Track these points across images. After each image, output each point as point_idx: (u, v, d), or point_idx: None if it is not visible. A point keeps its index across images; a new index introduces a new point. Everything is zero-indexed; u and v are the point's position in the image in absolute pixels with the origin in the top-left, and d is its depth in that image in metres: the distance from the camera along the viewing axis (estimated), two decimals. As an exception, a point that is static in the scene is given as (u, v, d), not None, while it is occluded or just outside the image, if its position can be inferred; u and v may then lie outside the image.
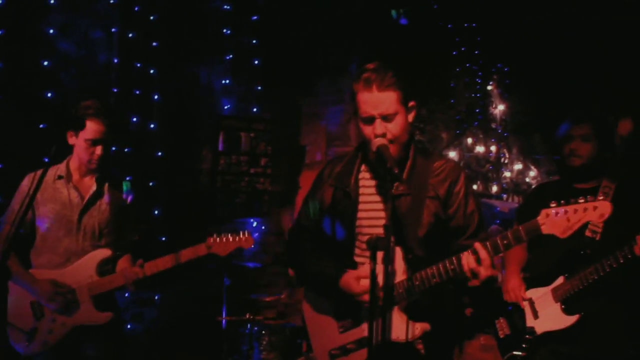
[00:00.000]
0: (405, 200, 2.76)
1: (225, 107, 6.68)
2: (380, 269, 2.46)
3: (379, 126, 2.70)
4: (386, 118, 2.71)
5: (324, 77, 6.97)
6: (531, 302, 3.85)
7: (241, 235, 3.74)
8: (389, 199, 2.50)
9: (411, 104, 2.78)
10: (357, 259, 2.86)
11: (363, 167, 2.94)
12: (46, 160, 4.76)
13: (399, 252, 2.73)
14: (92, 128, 3.64)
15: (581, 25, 6.93)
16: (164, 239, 5.75)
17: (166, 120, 6.11)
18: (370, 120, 2.73)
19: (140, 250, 3.90)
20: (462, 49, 9.77)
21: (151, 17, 5.87)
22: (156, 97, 5.96)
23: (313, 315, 2.99)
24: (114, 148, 5.47)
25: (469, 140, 11.55)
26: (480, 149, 11.56)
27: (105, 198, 3.83)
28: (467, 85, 10.79)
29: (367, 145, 2.82)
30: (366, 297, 2.68)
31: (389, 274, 2.51)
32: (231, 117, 6.67)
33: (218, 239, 3.71)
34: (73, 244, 3.75)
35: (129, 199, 3.95)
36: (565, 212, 2.54)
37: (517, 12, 7.85)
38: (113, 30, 5.69)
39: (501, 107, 11.18)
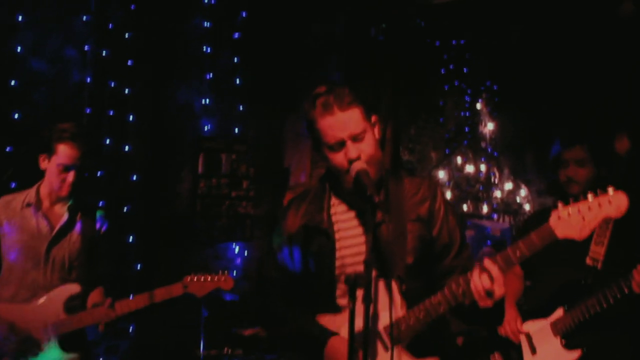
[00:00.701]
0: (387, 228, 2.51)
1: (205, 128, 6.45)
2: (370, 308, 2.20)
3: (352, 149, 2.45)
4: (357, 138, 2.47)
5: (307, 95, 6.73)
6: (529, 337, 3.61)
7: (220, 275, 3.58)
8: (371, 231, 2.27)
9: (373, 118, 2.57)
10: (340, 301, 2.58)
11: (334, 201, 2.68)
12: (13, 185, 4.56)
13: (394, 286, 2.47)
14: (65, 153, 3.46)
15: (571, 41, 6.76)
16: (139, 267, 5.47)
17: (142, 142, 5.91)
18: (340, 145, 2.47)
19: (113, 282, 3.71)
20: (451, 66, 9.64)
21: (126, 35, 5.63)
22: (131, 117, 5.71)
23: None
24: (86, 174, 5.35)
25: (459, 160, 11.41)
26: (470, 168, 11.40)
27: (77, 228, 3.65)
28: (456, 103, 10.66)
29: (336, 175, 2.58)
30: None
31: (376, 313, 2.30)
32: (211, 138, 6.45)
33: (195, 278, 3.55)
34: (40, 278, 3.55)
35: (103, 228, 3.74)
36: (579, 210, 2.27)
37: (505, 29, 7.70)
38: (86, 48, 5.44)
39: (491, 126, 11.04)
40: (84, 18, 5.46)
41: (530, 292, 3.81)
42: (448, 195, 11.14)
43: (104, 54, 5.58)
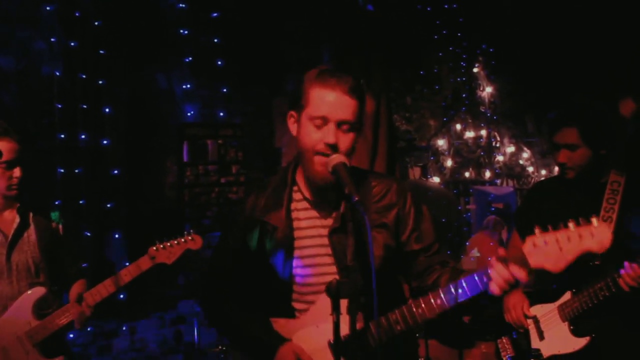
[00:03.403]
0: (351, 228, 2.27)
1: (189, 114, 6.21)
2: (345, 319, 2.00)
3: (332, 133, 2.22)
4: (342, 126, 2.24)
5: (294, 73, 6.50)
6: (536, 321, 3.37)
7: (186, 237, 3.36)
8: (351, 234, 2.13)
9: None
10: (295, 305, 2.38)
11: (295, 196, 2.43)
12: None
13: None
14: (4, 148, 3.19)
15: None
16: (127, 264, 5.25)
17: (121, 134, 5.67)
18: (323, 121, 2.24)
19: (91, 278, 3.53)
20: (444, 32, 9.38)
21: (95, 23, 5.34)
22: (107, 110, 5.45)
23: None
24: (61, 170, 5.12)
25: (458, 127, 11.19)
26: (470, 134, 11.18)
27: (32, 229, 3.42)
28: (451, 69, 10.44)
29: (301, 158, 2.33)
30: None
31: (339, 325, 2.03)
32: (195, 124, 6.20)
33: (162, 246, 3.34)
34: (7, 289, 3.32)
35: (60, 229, 3.53)
36: (557, 240, 2.07)
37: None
38: (52, 40, 5.16)
39: (489, 90, 10.81)
40: (48, 8, 5.15)
41: (537, 274, 3.57)
42: (448, 163, 10.98)
43: (72, 45, 5.28)
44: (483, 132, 11.18)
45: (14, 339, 3.27)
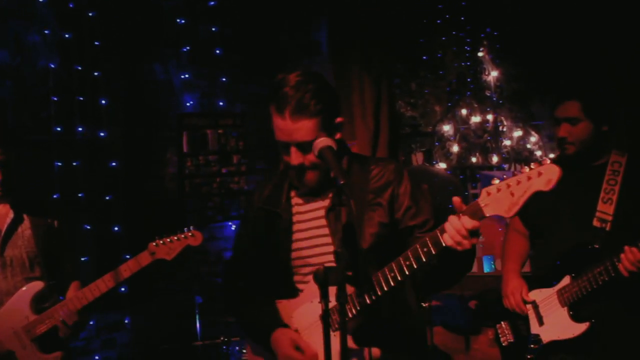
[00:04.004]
0: (345, 212, 2.29)
1: (188, 104, 6.14)
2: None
3: (295, 156, 2.36)
4: (302, 147, 2.35)
5: (293, 59, 6.42)
6: (535, 306, 3.32)
7: (186, 232, 3.31)
8: (336, 217, 2.25)
9: (338, 120, 2.43)
10: (298, 285, 2.52)
11: (292, 191, 2.61)
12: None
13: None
14: None
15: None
16: (128, 257, 5.22)
17: (119, 126, 5.62)
18: (285, 146, 2.39)
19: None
20: (447, 16, 9.28)
21: (90, 14, 5.28)
22: (103, 101, 5.39)
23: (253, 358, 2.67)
24: (58, 163, 5.08)
25: (464, 112, 11.09)
26: (476, 119, 11.09)
27: (27, 223, 3.41)
28: (455, 54, 10.33)
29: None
30: None
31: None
32: (194, 114, 6.13)
33: (162, 241, 3.29)
34: (2, 284, 3.32)
35: (55, 223, 3.50)
36: (508, 185, 2.07)
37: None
38: (46, 32, 5.11)
39: (494, 74, 10.69)
40: (41, 0, 5.09)
41: (536, 257, 3.52)
42: (455, 149, 10.89)
43: (66, 37, 5.22)
44: (489, 117, 11.08)
45: (11, 333, 3.25)
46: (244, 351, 2.72)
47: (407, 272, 2.24)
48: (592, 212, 3.19)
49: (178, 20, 6.03)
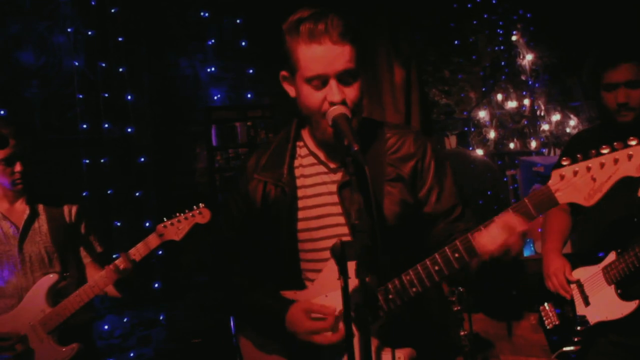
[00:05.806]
0: (358, 182, 2.01)
1: (215, 98, 6.07)
2: (353, 284, 1.79)
3: (336, 90, 2.00)
4: (345, 78, 2.02)
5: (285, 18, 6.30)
6: (579, 285, 3.13)
7: (194, 210, 3.25)
8: (355, 189, 1.88)
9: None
10: (305, 274, 2.18)
11: (300, 151, 2.24)
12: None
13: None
14: None
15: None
16: (160, 252, 5.18)
17: (146, 121, 5.57)
18: (322, 82, 2.02)
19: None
20: (477, 0, 9.08)
21: (112, 10, 5.24)
22: (130, 97, 5.34)
23: (255, 355, 2.28)
24: (86, 161, 5.06)
25: (499, 97, 10.86)
26: (512, 104, 10.84)
27: (44, 219, 3.40)
28: (488, 38, 10.10)
29: (307, 119, 2.16)
30: (316, 338, 2.04)
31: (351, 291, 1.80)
32: (223, 107, 6.06)
33: (169, 222, 3.26)
34: (21, 280, 3.32)
35: (73, 218, 3.50)
36: (588, 168, 1.78)
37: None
38: (69, 30, 5.09)
39: (529, 57, 10.44)
40: (62, -1, 5.08)
41: (578, 233, 3.32)
42: (491, 135, 10.67)
43: (90, 34, 5.20)
44: (526, 102, 10.84)
45: (29, 327, 3.24)
46: (240, 347, 2.33)
47: (436, 279, 1.99)
48: (637, 184, 3.00)
49: (202, 14, 5.96)
